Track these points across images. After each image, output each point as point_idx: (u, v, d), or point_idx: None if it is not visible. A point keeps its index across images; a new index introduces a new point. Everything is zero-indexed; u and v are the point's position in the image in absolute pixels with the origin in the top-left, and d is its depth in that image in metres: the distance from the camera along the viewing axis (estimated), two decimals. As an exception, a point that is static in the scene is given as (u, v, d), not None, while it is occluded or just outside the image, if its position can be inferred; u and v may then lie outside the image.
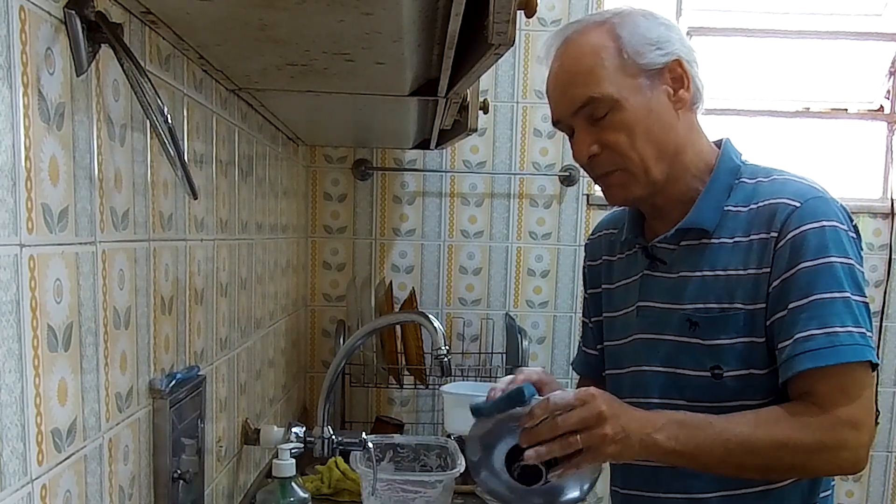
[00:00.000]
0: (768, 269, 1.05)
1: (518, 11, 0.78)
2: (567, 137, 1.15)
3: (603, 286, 1.28)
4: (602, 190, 1.16)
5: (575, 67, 1.09)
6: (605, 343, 1.27)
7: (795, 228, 1.03)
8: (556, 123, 1.15)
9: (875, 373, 1.03)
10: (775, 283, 1.04)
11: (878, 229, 2.38)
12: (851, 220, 1.08)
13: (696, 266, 1.11)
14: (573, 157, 1.13)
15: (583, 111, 1.08)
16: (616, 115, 1.07)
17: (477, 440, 1.08)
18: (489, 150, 2.37)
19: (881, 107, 2.48)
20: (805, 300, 1.01)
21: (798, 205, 1.05)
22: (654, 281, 1.16)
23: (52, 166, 0.72)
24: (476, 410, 1.08)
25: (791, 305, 1.02)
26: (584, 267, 1.35)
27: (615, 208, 1.32)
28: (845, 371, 1.00)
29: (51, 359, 0.73)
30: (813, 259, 1.02)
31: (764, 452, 1.00)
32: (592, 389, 1.02)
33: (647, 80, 1.08)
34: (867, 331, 1.02)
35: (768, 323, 1.05)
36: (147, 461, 0.99)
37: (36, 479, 0.71)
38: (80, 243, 0.79)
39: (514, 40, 0.81)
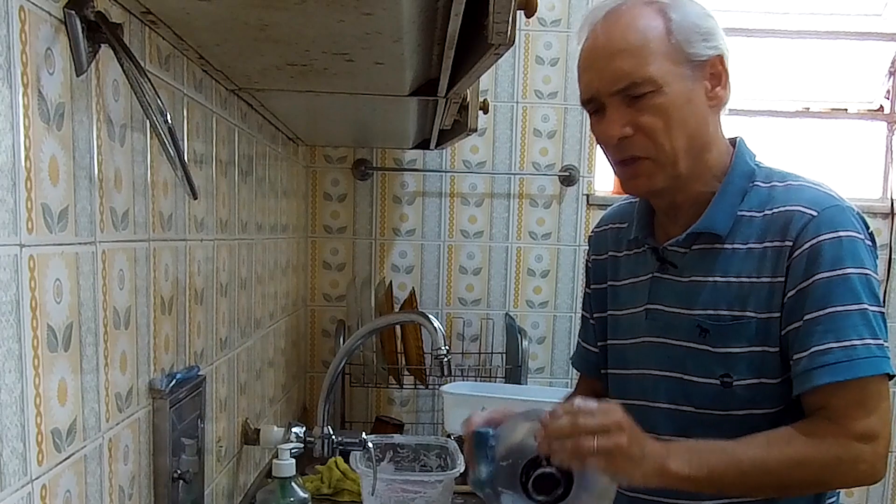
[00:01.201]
0: (783, 279, 1.03)
1: (518, 11, 0.78)
2: (589, 121, 1.10)
3: (609, 282, 1.25)
4: (622, 179, 1.11)
5: (621, 44, 1.04)
6: (609, 341, 1.24)
7: (812, 238, 1.01)
8: (587, 102, 1.09)
9: (892, 382, 1.02)
10: (791, 294, 1.02)
11: (878, 229, 2.38)
12: (867, 228, 1.06)
13: (709, 271, 1.09)
14: (599, 136, 1.08)
15: (622, 92, 1.04)
16: (655, 99, 1.03)
17: (490, 485, 1.08)
18: (489, 150, 2.37)
19: (881, 107, 2.48)
20: (821, 312, 1.00)
21: (815, 214, 1.03)
22: (665, 284, 1.14)
23: (52, 166, 0.72)
24: (479, 483, 1.06)
25: (807, 317, 1.01)
26: (587, 261, 1.32)
27: (620, 202, 1.30)
28: (862, 385, 0.99)
29: (51, 359, 0.73)
30: (829, 270, 1.00)
31: (779, 472, 0.99)
32: (616, 405, 1.01)
33: (690, 70, 1.04)
34: (884, 341, 1.01)
35: (783, 333, 1.03)
36: (147, 461, 0.99)
37: (36, 479, 0.71)
38: (80, 243, 0.79)
39: (514, 40, 0.81)
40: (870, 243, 1.05)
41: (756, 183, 1.10)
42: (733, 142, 1.15)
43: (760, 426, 1.03)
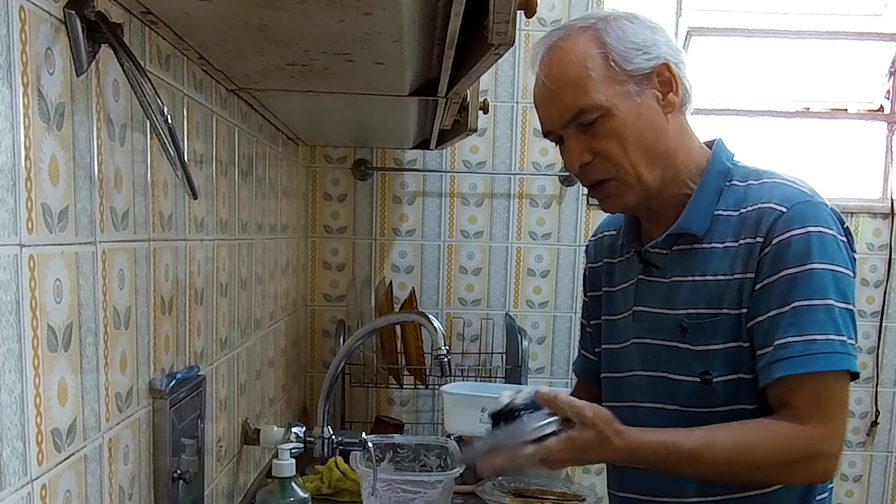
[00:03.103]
0: (753, 274, 1.04)
1: (518, 11, 0.78)
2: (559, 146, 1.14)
3: (603, 289, 1.27)
4: (597, 200, 1.15)
5: (561, 78, 1.08)
6: (603, 346, 1.26)
7: (781, 234, 1.03)
8: (546, 134, 1.15)
9: (853, 381, 1.03)
10: (757, 288, 1.03)
11: (878, 229, 2.38)
12: (842, 223, 1.06)
13: (688, 271, 1.11)
14: (565, 165, 1.13)
15: (572, 122, 1.08)
16: (606, 123, 1.06)
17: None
18: (489, 150, 2.37)
19: (881, 107, 2.48)
20: (785, 307, 1.01)
21: (784, 210, 1.04)
22: (649, 285, 1.16)
23: (52, 166, 0.72)
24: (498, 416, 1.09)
25: (771, 312, 1.02)
26: (584, 269, 1.35)
27: None
28: (821, 380, 1.00)
29: (51, 359, 0.73)
30: (796, 266, 1.01)
31: (739, 475, 1.03)
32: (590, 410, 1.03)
33: (635, 85, 1.07)
34: (849, 339, 1.01)
35: (748, 326, 1.05)
36: (147, 461, 0.99)
37: (36, 479, 0.71)
38: (80, 243, 0.79)
39: (514, 40, 0.81)
40: (843, 239, 1.05)
41: (733, 182, 1.12)
42: (710, 144, 1.17)
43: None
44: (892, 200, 2.41)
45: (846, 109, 2.50)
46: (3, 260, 0.64)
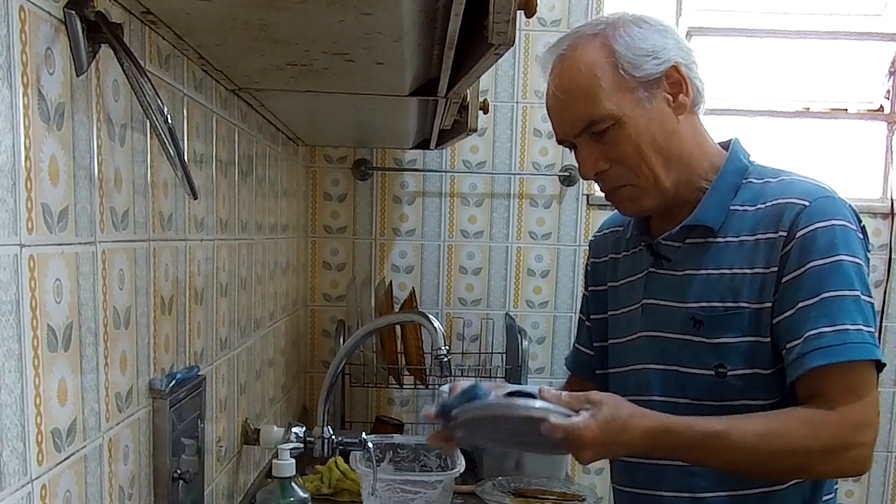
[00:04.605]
0: (776, 269, 1.04)
1: (518, 11, 0.78)
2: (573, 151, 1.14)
3: (608, 283, 1.27)
4: (614, 204, 1.16)
5: (571, 88, 1.08)
6: (610, 341, 1.26)
7: (805, 227, 1.03)
8: (560, 143, 1.15)
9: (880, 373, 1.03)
10: (784, 282, 1.03)
11: (878, 229, 2.38)
12: (859, 220, 1.07)
13: (701, 264, 1.11)
14: (580, 173, 1.13)
15: (585, 131, 1.08)
16: (619, 131, 1.06)
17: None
18: (489, 150, 2.37)
19: (881, 107, 2.48)
20: (815, 298, 1.01)
21: (807, 204, 1.04)
22: (659, 278, 1.16)
23: (52, 166, 0.72)
24: (445, 407, 1.04)
25: (800, 304, 1.02)
26: (587, 264, 1.35)
27: None
28: (854, 369, 1.00)
29: (51, 359, 0.73)
30: (823, 258, 1.01)
31: (769, 461, 1.00)
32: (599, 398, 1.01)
33: (645, 91, 1.07)
34: (874, 330, 1.02)
35: (774, 322, 1.04)
36: (147, 461, 0.99)
37: (36, 479, 0.71)
38: (80, 243, 0.79)
39: (514, 40, 0.81)
40: (861, 236, 1.06)
41: (749, 180, 1.12)
42: (726, 144, 1.17)
43: None
44: (892, 200, 2.41)
45: (846, 109, 2.50)
46: (3, 260, 0.64)
